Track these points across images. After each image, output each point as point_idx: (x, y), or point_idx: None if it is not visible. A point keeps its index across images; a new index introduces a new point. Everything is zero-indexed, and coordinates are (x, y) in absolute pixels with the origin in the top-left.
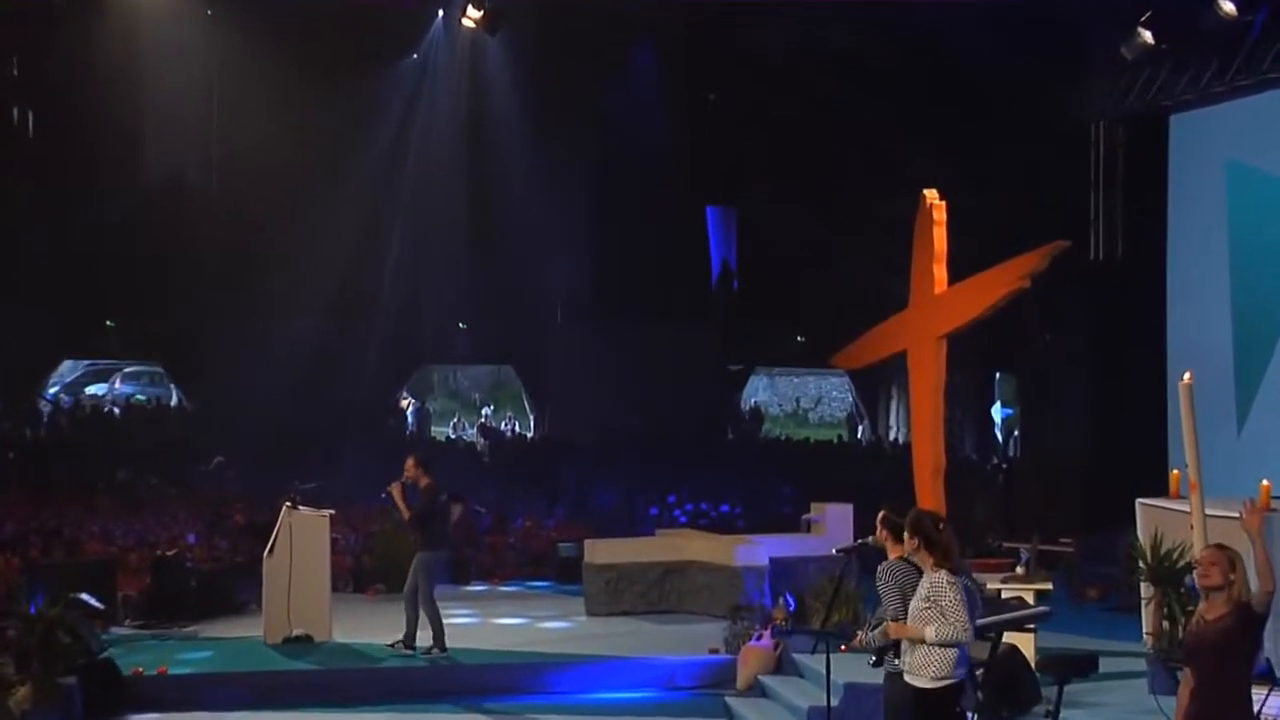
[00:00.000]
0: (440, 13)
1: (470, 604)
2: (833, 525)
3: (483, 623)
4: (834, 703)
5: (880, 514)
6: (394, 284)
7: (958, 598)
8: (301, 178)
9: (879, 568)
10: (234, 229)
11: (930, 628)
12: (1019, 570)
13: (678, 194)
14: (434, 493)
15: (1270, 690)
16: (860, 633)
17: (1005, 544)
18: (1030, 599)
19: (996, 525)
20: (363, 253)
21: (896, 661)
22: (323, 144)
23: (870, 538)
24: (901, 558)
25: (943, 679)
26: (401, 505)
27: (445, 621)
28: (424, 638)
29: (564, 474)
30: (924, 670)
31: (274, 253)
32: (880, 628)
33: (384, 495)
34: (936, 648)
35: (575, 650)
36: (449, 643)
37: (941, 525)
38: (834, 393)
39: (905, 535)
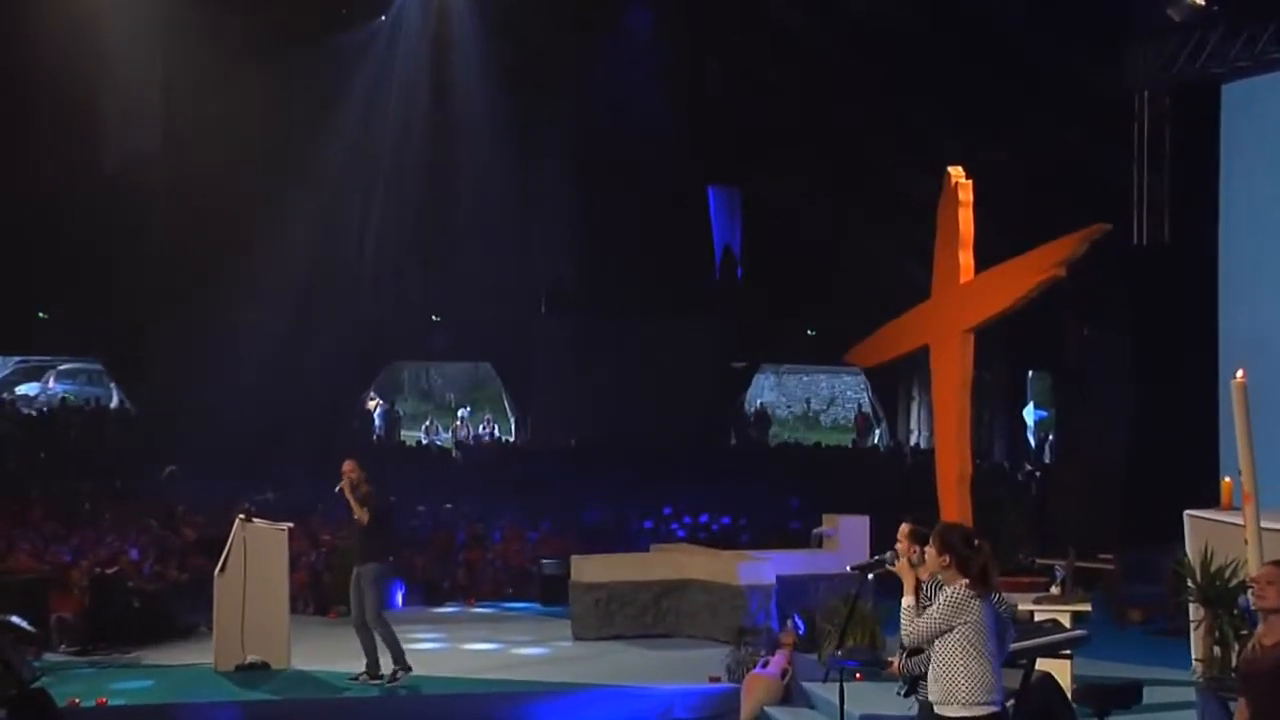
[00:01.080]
0: None
1: (441, 628)
2: (847, 540)
3: (453, 648)
4: None
5: (904, 526)
6: (360, 272)
7: (947, 613)
8: (259, 157)
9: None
10: (184, 212)
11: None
12: (1054, 590)
13: (676, 173)
14: (378, 497)
15: None
16: (893, 659)
17: (1038, 560)
18: (1066, 621)
19: (1028, 539)
20: (326, 238)
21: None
22: (283, 120)
23: (890, 553)
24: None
25: (979, 705)
26: (356, 505)
27: (411, 647)
28: (386, 663)
29: (548, 483)
30: (952, 697)
31: (228, 238)
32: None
33: (336, 490)
34: (960, 670)
35: (559, 678)
36: (414, 666)
37: (976, 542)
38: (848, 393)
39: (933, 553)
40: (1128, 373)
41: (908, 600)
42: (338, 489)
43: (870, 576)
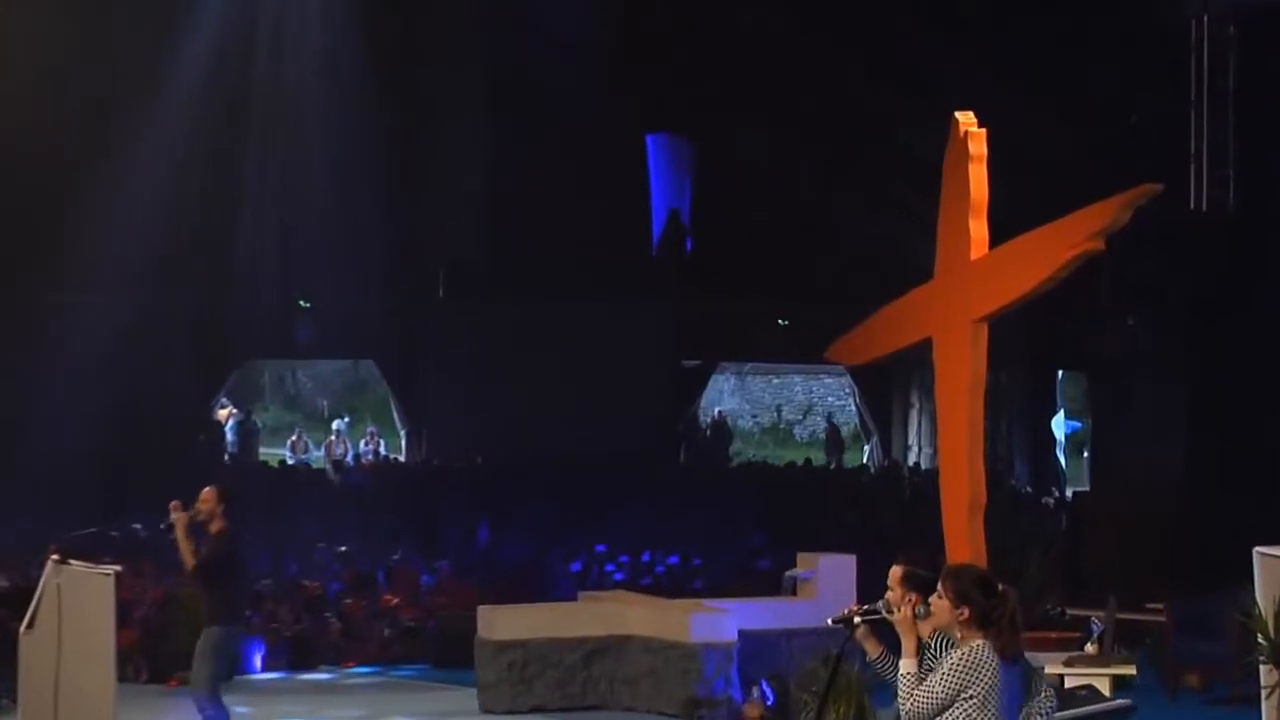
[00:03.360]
0: None
1: (309, 700)
2: (828, 585)
3: None
4: None
5: (897, 568)
6: (209, 248)
7: (962, 677)
8: (90, 108)
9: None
10: None
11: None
12: (1089, 648)
13: (606, 121)
14: (229, 540)
15: None
16: None
17: (1070, 611)
18: (1106, 688)
19: (1058, 584)
20: (168, 207)
21: None
22: (117, 68)
23: (881, 603)
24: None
25: None
26: (185, 546)
27: None
28: None
29: (448, 513)
30: None
31: (48, 211)
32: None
33: (164, 526)
34: None
35: None
36: None
37: (1001, 588)
38: (830, 398)
39: (944, 603)
40: (1182, 373)
41: (907, 665)
42: (165, 525)
43: (860, 628)
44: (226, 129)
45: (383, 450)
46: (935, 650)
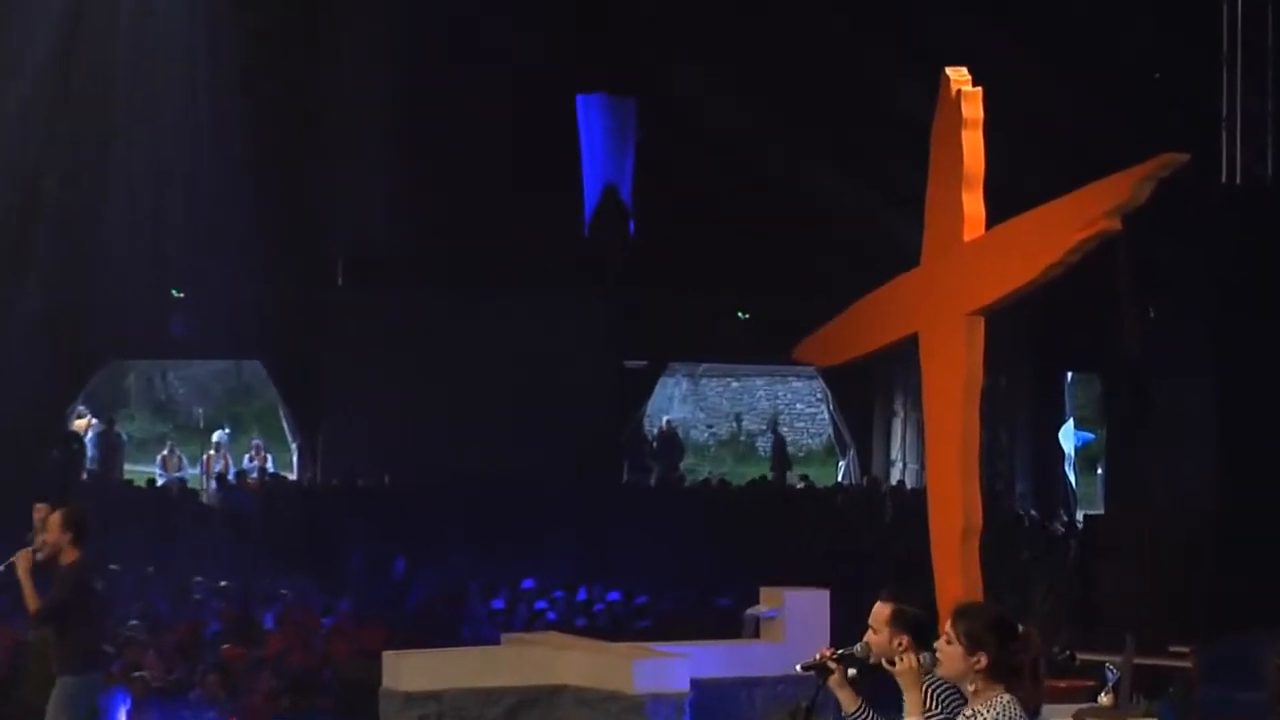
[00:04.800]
0: None
1: None
2: (797, 625)
3: None
4: None
5: (883, 606)
6: (66, 232)
7: None
8: None
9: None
10: None
11: None
12: (1104, 698)
13: (531, 76)
14: (81, 575)
15: None
16: None
17: (1081, 655)
18: None
19: (1066, 624)
20: (17, 188)
21: None
22: None
23: (858, 646)
24: (931, 680)
25: None
26: (28, 587)
27: None
28: None
29: (349, 542)
30: None
31: None
32: None
33: (3, 569)
34: None
35: None
36: None
37: (1022, 632)
38: (799, 405)
39: (955, 650)
40: (1213, 375)
41: None
42: (4, 566)
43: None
44: (92, 102)
45: (270, 467)
46: (930, 706)
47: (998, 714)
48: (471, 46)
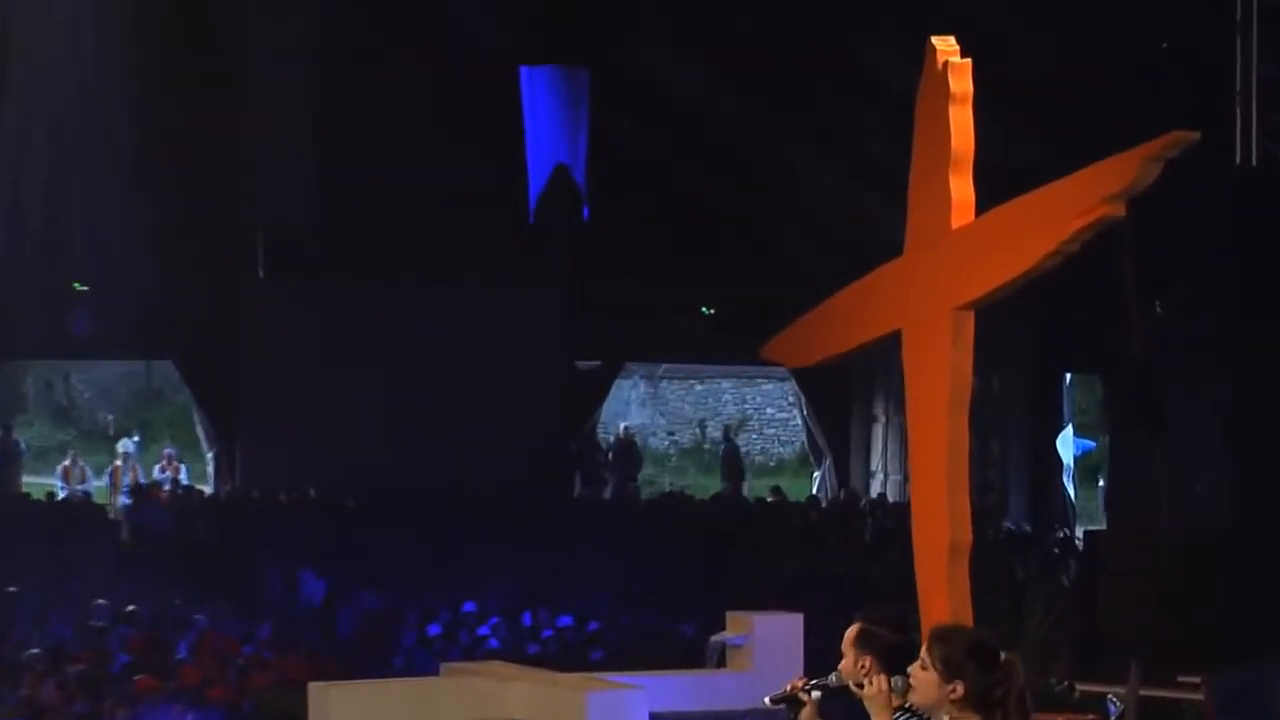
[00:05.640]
0: None
1: None
2: (766, 653)
3: None
4: None
5: (855, 628)
6: None
7: None
8: None
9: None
10: None
11: None
12: None
13: (471, 46)
14: None
15: None
16: None
17: (1081, 686)
18: None
19: (1065, 651)
20: None
21: None
22: None
23: (833, 676)
24: (902, 708)
25: None
26: None
27: None
28: None
29: (271, 561)
30: None
31: None
32: None
33: None
34: None
35: None
36: None
37: (1004, 657)
38: (769, 409)
39: (929, 676)
40: (1227, 375)
41: None
42: None
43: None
44: None
45: (184, 479)
46: None
47: None
48: (404, 14)
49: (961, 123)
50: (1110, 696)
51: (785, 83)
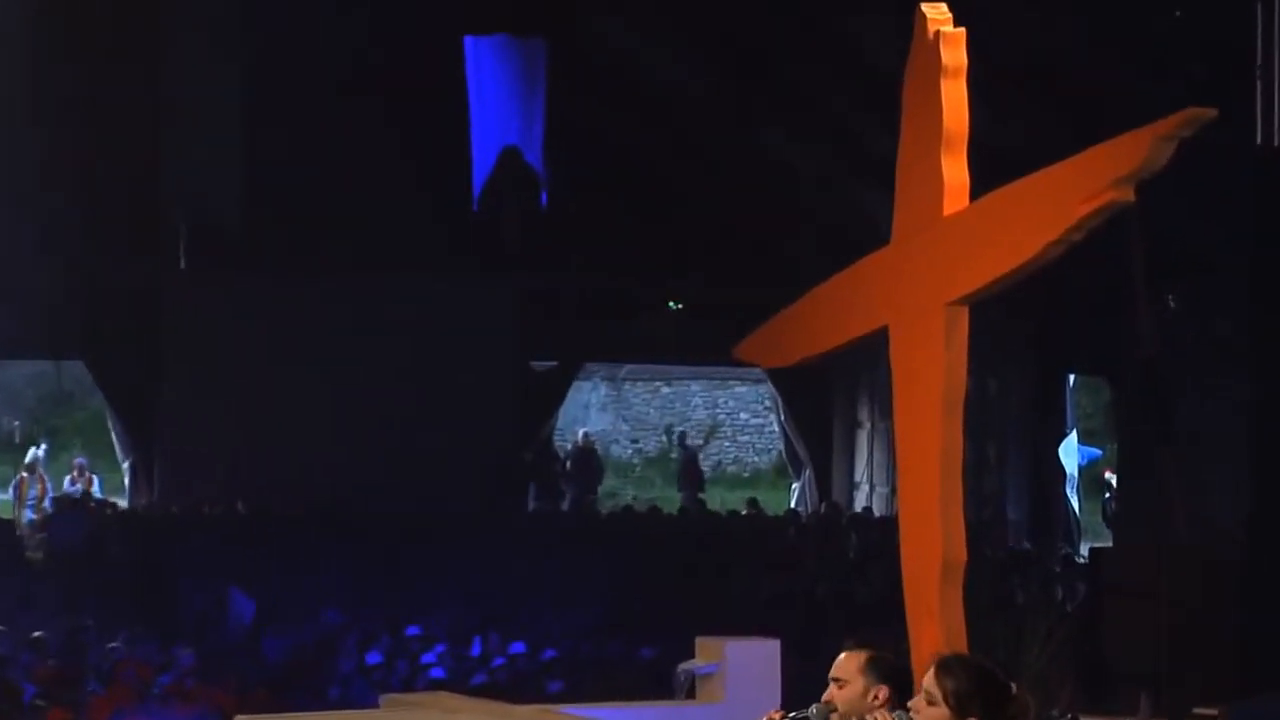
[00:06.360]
0: None
1: None
2: (739, 682)
3: None
4: None
5: (855, 655)
6: None
7: None
8: None
9: None
10: None
11: None
12: None
13: (408, 17)
14: None
15: None
16: None
17: (1086, 718)
18: None
19: (1069, 680)
20: None
21: None
22: None
23: (814, 708)
24: None
25: None
26: None
27: None
28: None
29: (194, 582)
30: None
31: None
32: None
33: None
34: None
35: None
36: None
37: (1014, 688)
38: (742, 414)
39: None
40: (1245, 376)
41: None
42: None
43: None
44: None
45: (97, 491)
46: None
47: None
48: None
49: (954, 98)
50: None
51: (761, 56)
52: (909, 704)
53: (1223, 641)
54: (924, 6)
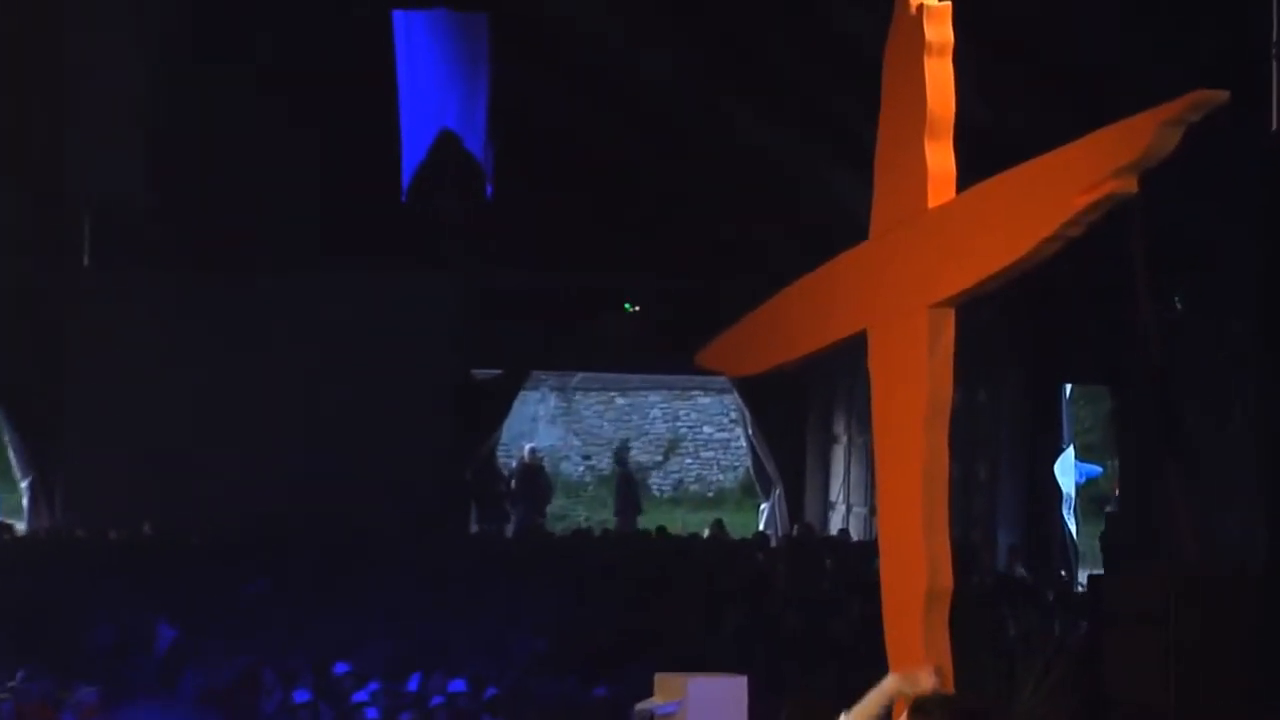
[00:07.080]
0: None
1: None
2: None
3: None
4: None
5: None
6: None
7: None
8: None
9: None
10: None
11: None
12: None
13: None
14: None
15: None
16: None
17: None
18: None
19: (1067, 717)
20: None
21: None
22: None
23: None
24: None
25: None
26: None
27: None
28: None
29: (99, 611)
30: None
31: None
32: None
33: None
34: None
35: None
36: None
37: None
38: (706, 428)
39: None
40: (1256, 384)
41: None
42: None
43: None
44: None
45: None
46: None
47: None
48: None
49: (939, 78)
50: None
51: (726, 30)
52: None
53: (1232, 674)
54: None
